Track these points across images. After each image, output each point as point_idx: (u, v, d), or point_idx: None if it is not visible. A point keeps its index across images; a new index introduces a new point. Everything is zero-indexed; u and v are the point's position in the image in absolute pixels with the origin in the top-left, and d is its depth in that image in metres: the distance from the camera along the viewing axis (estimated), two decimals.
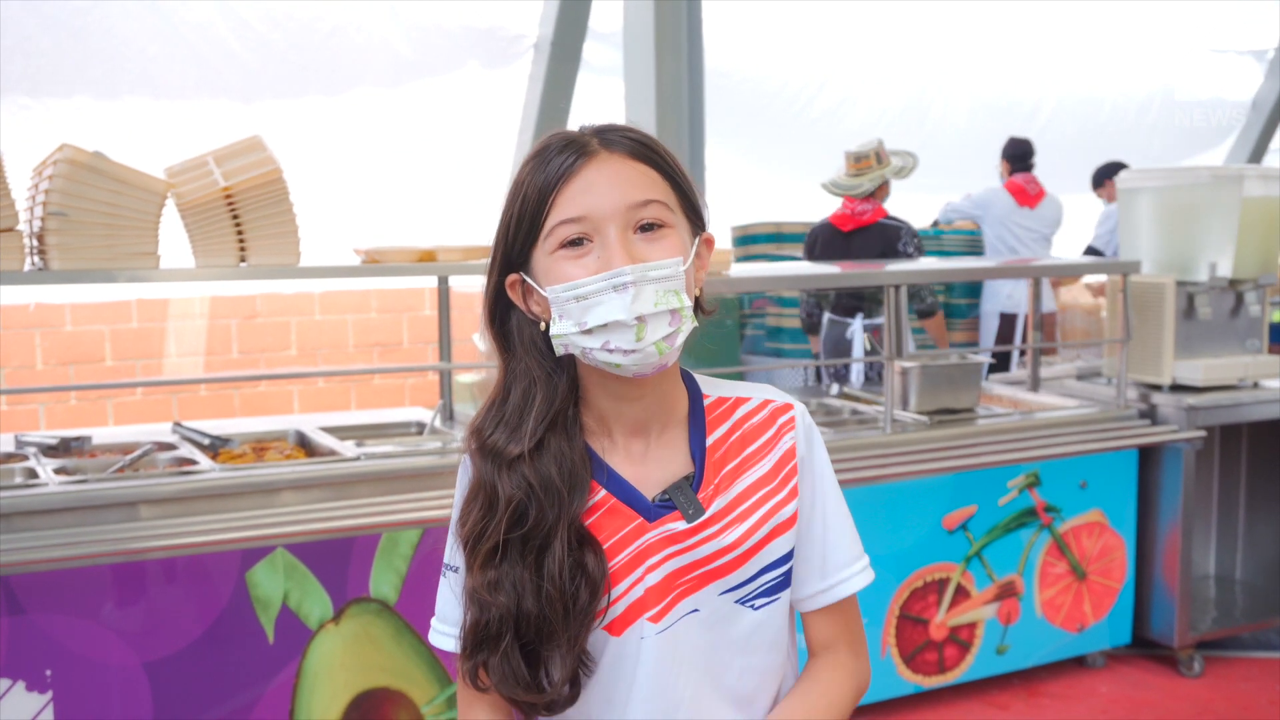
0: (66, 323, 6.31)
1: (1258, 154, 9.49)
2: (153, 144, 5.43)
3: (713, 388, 1.57)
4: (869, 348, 5.00)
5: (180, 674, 3.26)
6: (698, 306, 1.48)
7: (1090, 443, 4.42)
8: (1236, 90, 9.52)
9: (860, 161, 5.56)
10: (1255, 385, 4.78)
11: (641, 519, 1.47)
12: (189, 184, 3.46)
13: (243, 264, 3.50)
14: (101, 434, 3.92)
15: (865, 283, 4.93)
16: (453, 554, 1.53)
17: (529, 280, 1.44)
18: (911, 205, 8.20)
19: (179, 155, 3.65)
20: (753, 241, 6.65)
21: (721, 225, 6.65)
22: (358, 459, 3.58)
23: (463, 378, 4.44)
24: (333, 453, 3.70)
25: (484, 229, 5.40)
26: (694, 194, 1.48)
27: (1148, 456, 4.60)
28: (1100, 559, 4.54)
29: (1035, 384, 5.00)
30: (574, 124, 1.48)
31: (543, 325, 1.44)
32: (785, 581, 1.54)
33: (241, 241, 3.48)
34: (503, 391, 1.49)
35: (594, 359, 1.41)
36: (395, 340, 7.20)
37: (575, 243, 1.39)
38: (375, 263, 3.75)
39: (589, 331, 1.38)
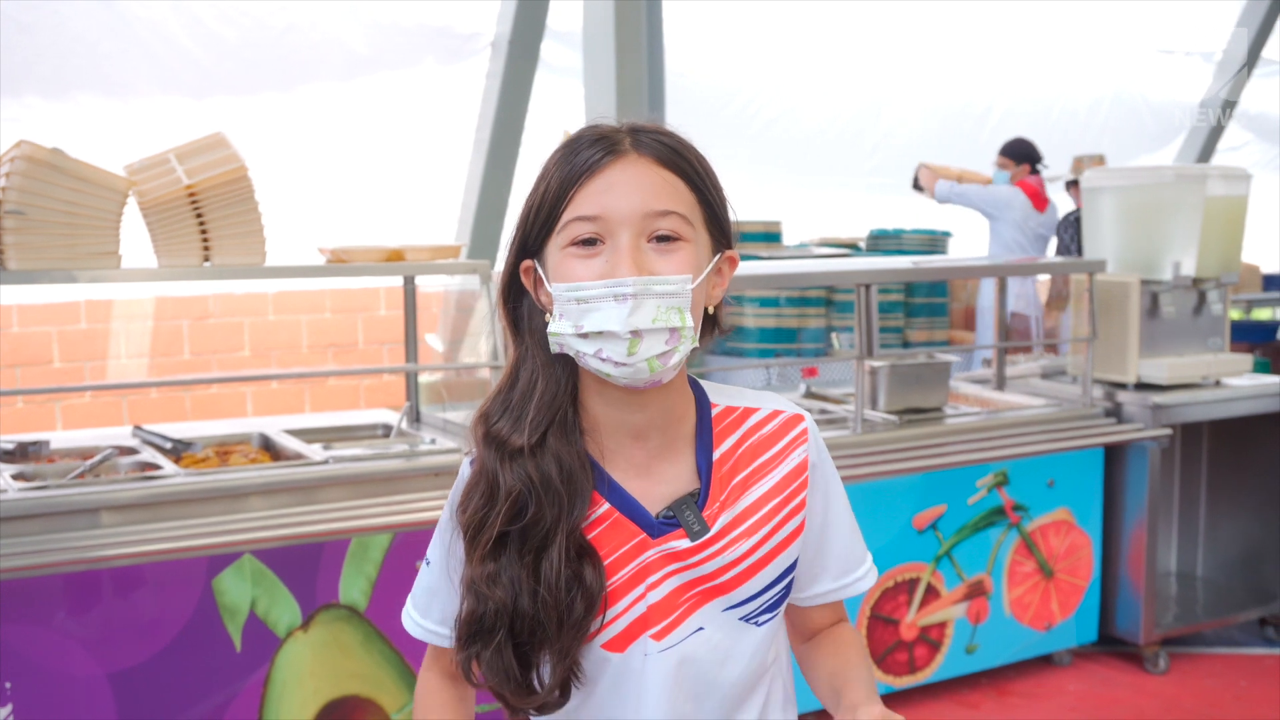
0: (13, 324, 6.16)
1: (1206, 154, 9.60)
2: (104, 142, 5.32)
3: (721, 396, 1.54)
4: (835, 345, 4.99)
5: (145, 684, 3.17)
6: (714, 324, 1.47)
7: (1057, 441, 4.44)
8: (1185, 91, 9.62)
9: (1095, 162, 6.65)
10: (1217, 383, 4.81)
11: (644, 535, 1.44)
12: (151, 182, 3.38)
13: (207, 264, 3.42)
14: (58, 438, 3.81)
15: (836, 281, 4.92)
16: (433, 548, 1.54)
17: (540, 270, 1.42)
18: (869, 204, 8.26)
19: (131, 154, 3.57)
20: None
21: None
22: (325, 463, 3.51)
23: (425, 378, 4.37)
24: (299, 456, 3.62)
25: (442, 226, 5.33)
26: (723, 209, 1.45)
27: (1113, 455, 4.63)
28: (1067, 557, 4.55)
29: (1001, 383, 5.01)
30: (616, 115, 1.46)
31: (547, 317, 1.42)
32: (787, 592, 1.53)
33: (205, 241, 3.40)
34: (511, 377, 1.47)
35: (586, 364, 1.38)
36: (350, 341, 7.10)
37: (588, 242, 1.37)
38: (341, 262, 3.68)
39: (584, 336, 1.36)
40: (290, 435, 3.87)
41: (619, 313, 1.33)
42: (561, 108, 6.78)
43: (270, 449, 3.84)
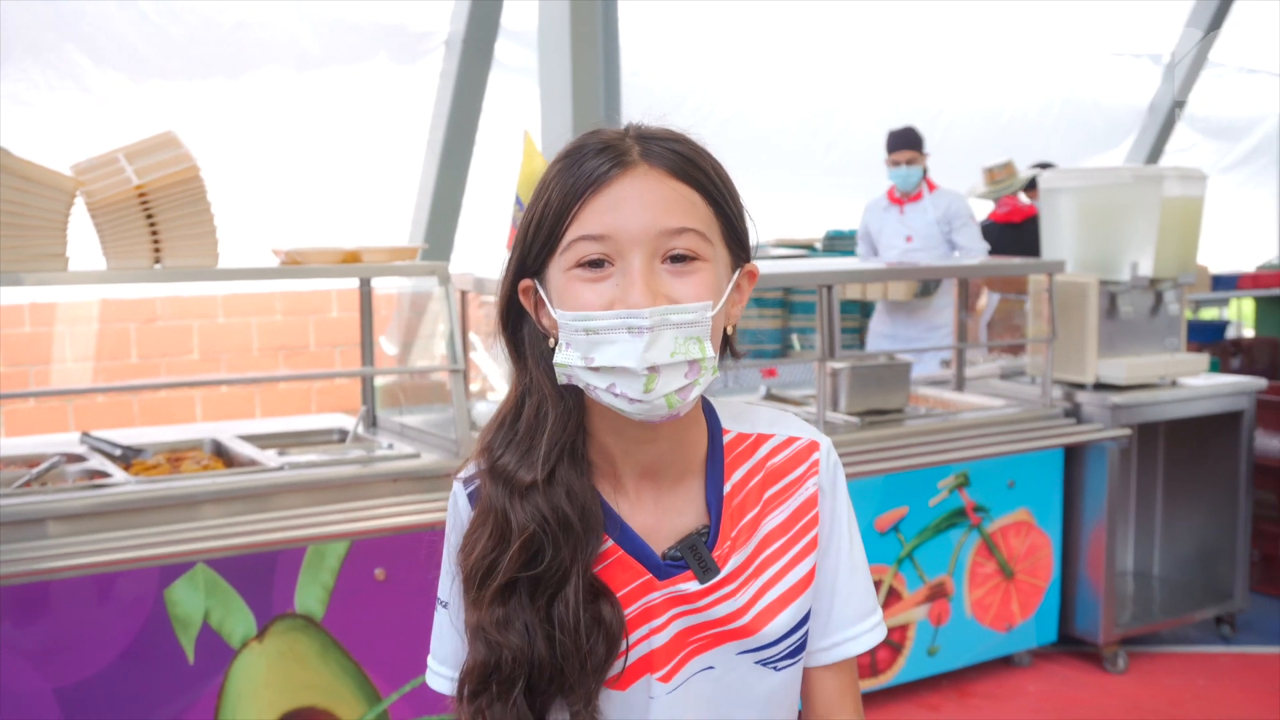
0: None
1: (1154, 155, 9.68)
2: (49, 140, 5.20)
3: (734, 421, 1.43)
4: (796, 346, 4.96)
5: (94, 699, 3.08)
6: (728, 347, 1.35)
7: (1018, 442, 4.44)
8: (1135, 93, 9.70)
9: (1004, 170, 6.77)
10: (1173, 384, 4.83)
11: (650, 575, 1.35)
12: (99, 182, 3.28)
13: (158, 266, 3.33)
14: (3, 445, 3.71)
15: (796, 282, 4.89)
16: (446, 589, 1.41)
17: (541, 292, 1.31)
18: (825, 204, 8.26)
19: (76, 153, 3.46)
20: None
21: None
22: (280, 469, 3.43)
23: (380, 381, 4.30)
24: (253, 462, 3.54)
25: (394, 226, 5.24)
26: (741, 220, 1.34)
27: (1072, 455, 4.63)
28: (1027, 558, 4.55)
29: (960, 384, 5.00)
30: (620, 119, 1.34)
31: (551, 341, 1.31)
32: (806, 639, 1.43)
33: (156, 242, 3.31)
34: (514, 406, 1.36)
35: (597, 397, 1.27)
36: (302, 343, 6.99)
37: (595, 264, 1.25)
38: (296, 264, 3.60)
39: (595, 369, 1.25)
40: (244, 441, 3.78)
41: (634, 347, 1.22)
42: (516, 107, 6.72)
43: (223, 455, 3.75)
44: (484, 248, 6.63)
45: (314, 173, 6.44)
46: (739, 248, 1.34)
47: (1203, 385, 4.86)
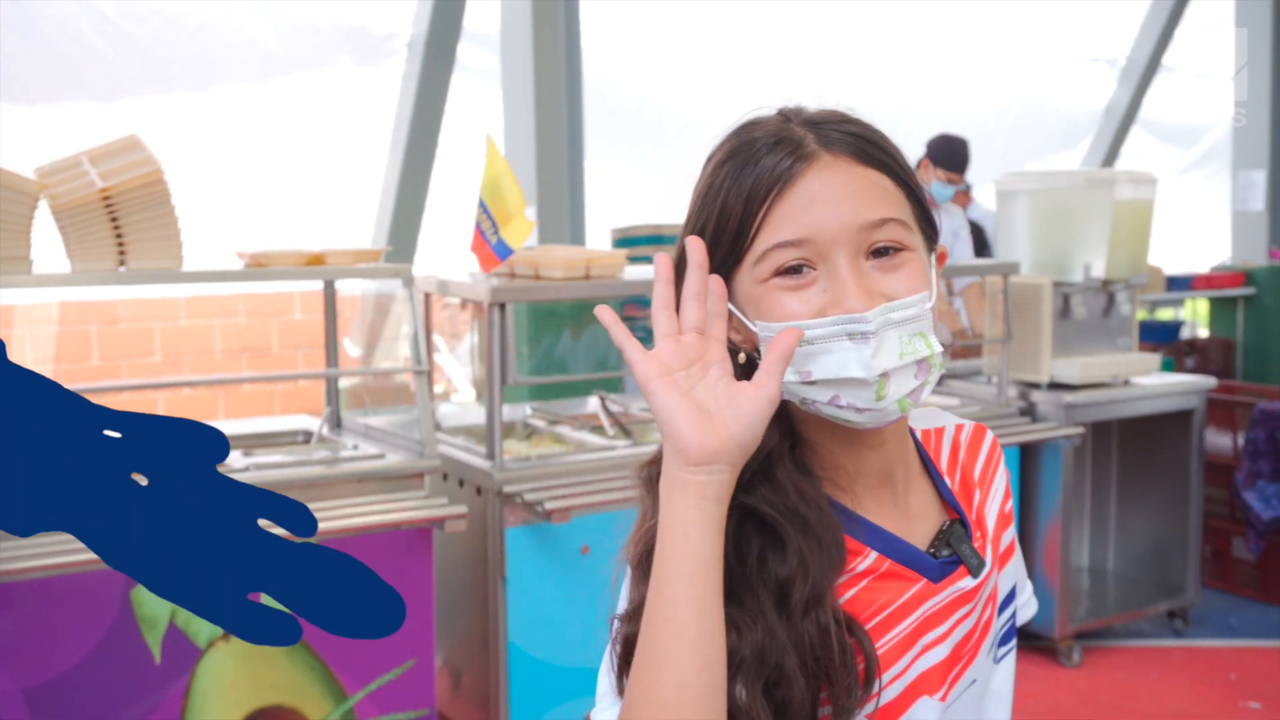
0: None
1: (1110, 158, 9.80)
2: (8, 145, 5.19)
3: (911, 419, 1.33)
4: None
5: (61, 699, 3.10)
6: None
7: None
8: (1091, 97, 9.83)
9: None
10: (1126, 383, 4.93)
11: (926, 581, 1.22)
12: (63, 185, 3.30)
13: (122, 268, 3.35)
14: None
15: None
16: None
17: (730, 306, 1.17)
18: None
19: (37, 157, 3.48)
20: (633, 244, 6.62)
21: (601, 228, 6.65)
22: (245, 470, 3.45)
23: (344, 383, 4.33)
24: None
25: (357, 228, 5.25)
26: (926, 199, 1.22)
27: (1028, 453, 4.72)
28: None
29: None
30: (774, 104, 1.24)
31: (741, 357, 1.18)
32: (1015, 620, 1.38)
33: (121, 245, 3.33)
34: None
35: (817, 410, 1.17)
36: (265, 345, 7.00)
37: (794, 270, 1.14)
38: (261, 266, 3.62)
39: (812, 383, 1.14)
40: None
41: (859, 355, 1.11)
42: (479, 110, 6.75)
43: None
44: (447, 250, 6.67)
45: (277, 175, 6.45)
46: (931, 229, 1.23)
47: (1155, 384, 4.96)
